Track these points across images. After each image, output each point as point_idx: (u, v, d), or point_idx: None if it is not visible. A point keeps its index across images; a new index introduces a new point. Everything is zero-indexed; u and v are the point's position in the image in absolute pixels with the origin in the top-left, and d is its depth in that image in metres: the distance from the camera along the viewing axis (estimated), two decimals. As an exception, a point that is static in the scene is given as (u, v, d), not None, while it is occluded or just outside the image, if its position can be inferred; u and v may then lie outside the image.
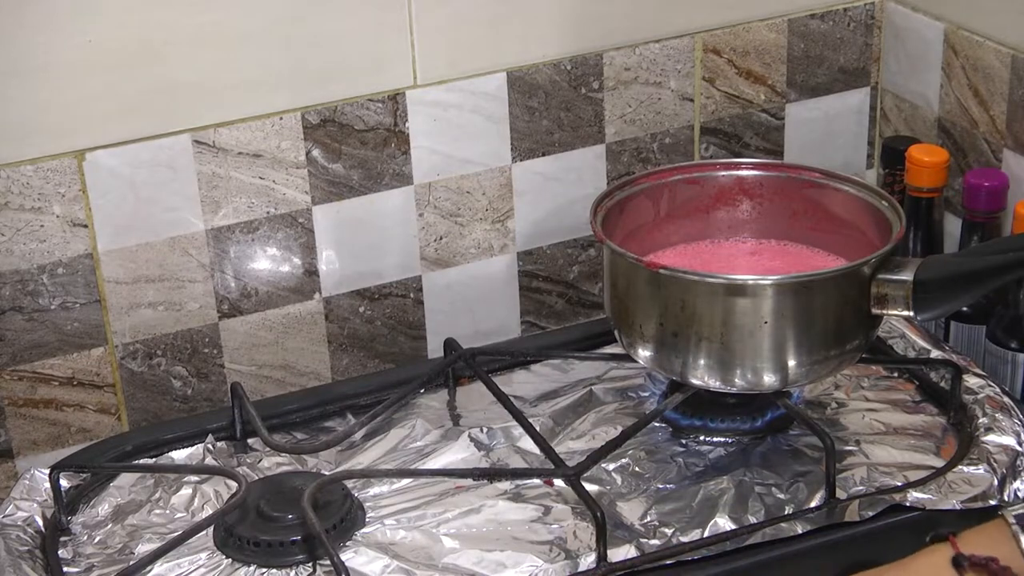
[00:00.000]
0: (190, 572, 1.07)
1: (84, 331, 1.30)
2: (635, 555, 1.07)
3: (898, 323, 1.33)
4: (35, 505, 1.15)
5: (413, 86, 1.35)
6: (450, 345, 1.32)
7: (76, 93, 1.23)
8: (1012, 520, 0.99)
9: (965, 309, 1.34)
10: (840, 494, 1.12)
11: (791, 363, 1.14)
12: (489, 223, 1.42)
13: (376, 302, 1.40)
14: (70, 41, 1.22)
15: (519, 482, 1.16)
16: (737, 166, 1.31)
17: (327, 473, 1.17)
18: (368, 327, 1.41)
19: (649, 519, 1.12)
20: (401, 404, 1.27)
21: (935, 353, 1.29)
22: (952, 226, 1.43)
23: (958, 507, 1.10)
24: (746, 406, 1.21)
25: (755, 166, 1.31)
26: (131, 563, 1.07)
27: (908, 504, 1.10)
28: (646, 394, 1.28)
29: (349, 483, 1.15)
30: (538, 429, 1.20)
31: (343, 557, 1.05)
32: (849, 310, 1.14)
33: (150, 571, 1.07)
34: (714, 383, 1.15)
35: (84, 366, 1.31)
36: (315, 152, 1.33)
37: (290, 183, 1.33)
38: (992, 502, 1.11)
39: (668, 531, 1.10)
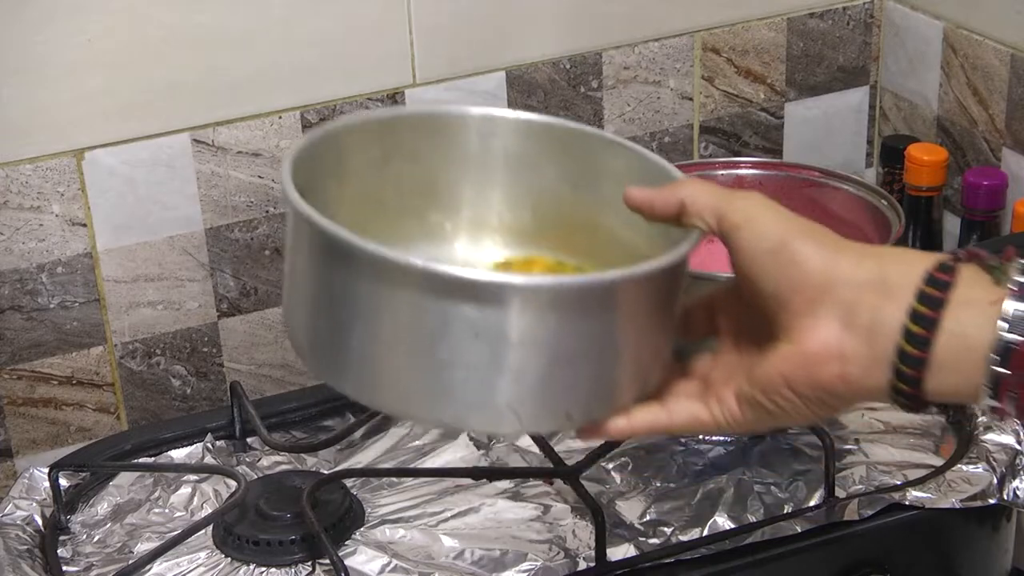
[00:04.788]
0: (189, 571, 1.07)
1: (83, 330, 1.29)
2: (634, 554, 1.07)
3: (897, 322, 1.32)
4: (34, 504, 1.15)
5: (412, 85, 1.35)
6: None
7: (75, 92, 1.23)
8: None
9: (964, 308, 1.34)
10: (839, 493, 1.12)
11: (790, 362, 1.13)
12: (488, 222, 1.42)
13: (375, 301, 1.40)
14: (69, 40, 1.22)
15: (518, 481, 1.16)
16: (736, 165, 1.31)
17: (326, 472, 1.17)
18: (367, 326, 1.41)
19: (648, 518, 1.12)
20: (400, 403, 1.27)
21: (934, 352, 1.29)
22: (951, 225, 1.43)
23: (957, 506, 1.10)
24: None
25: (754, 165, 1.31)
26: (130, 562, 1.07)
27: (907, 503, 1.10)
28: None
29: (348, 482, 1.15)
30: (537, 428, 1.20)
31: (342, 556, 1.05)
32: (848, 309, 1.14)
33: (149, 570, 1.07)
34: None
35: (83, 365, 1.31)
36: (314, 151, 1.33)
37: (289, 182, 1.33)
38: (991, 501, 1.11)
39: (667, 530, 1.10)
